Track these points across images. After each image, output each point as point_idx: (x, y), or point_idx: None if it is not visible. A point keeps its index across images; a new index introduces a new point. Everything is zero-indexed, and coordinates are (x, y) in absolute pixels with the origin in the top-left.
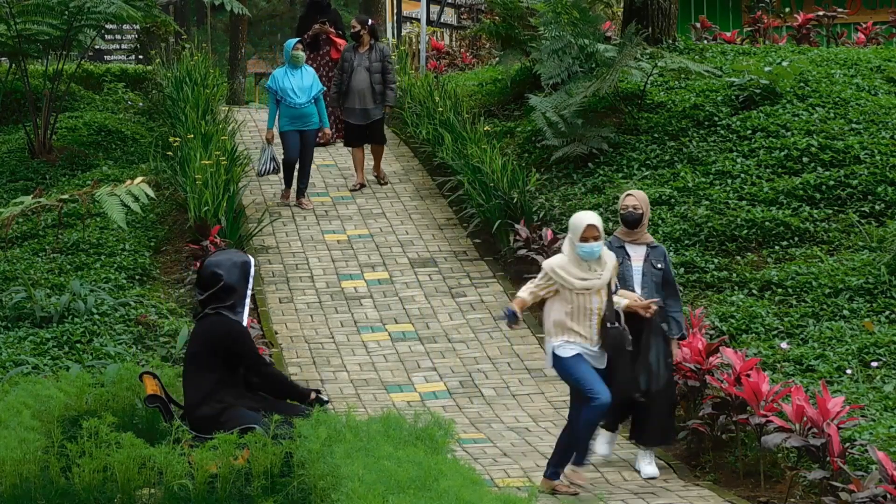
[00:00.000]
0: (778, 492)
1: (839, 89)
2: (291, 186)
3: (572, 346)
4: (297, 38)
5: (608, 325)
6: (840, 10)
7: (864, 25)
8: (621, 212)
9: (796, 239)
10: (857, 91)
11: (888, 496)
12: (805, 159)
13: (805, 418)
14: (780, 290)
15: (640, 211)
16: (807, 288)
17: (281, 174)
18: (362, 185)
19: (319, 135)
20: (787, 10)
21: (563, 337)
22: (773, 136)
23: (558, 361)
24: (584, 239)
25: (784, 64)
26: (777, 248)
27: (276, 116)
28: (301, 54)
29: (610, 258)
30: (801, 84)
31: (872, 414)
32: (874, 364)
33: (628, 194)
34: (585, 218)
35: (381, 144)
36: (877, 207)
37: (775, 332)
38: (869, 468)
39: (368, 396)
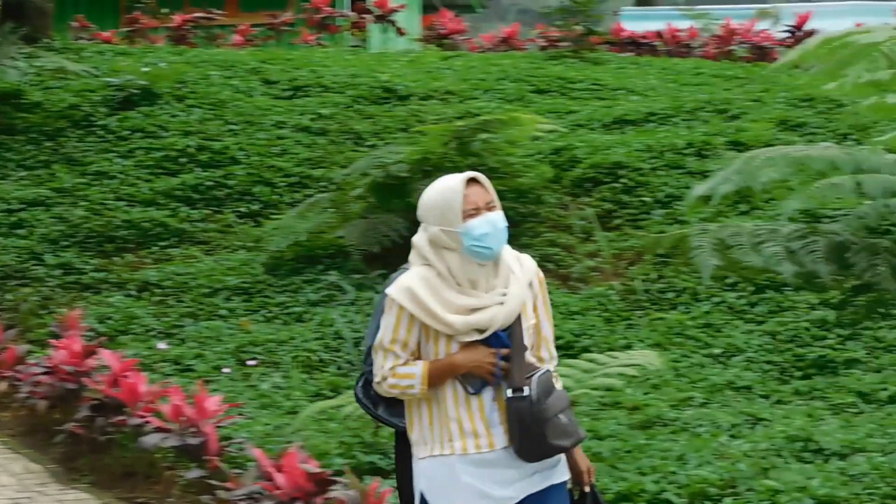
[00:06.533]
0: (156, 492)
1: (216, 90)
2: None
3: (444, 464)
4: None
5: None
6: (217, 11)
7: (241, 27)
8: None
9: (174, 239)
10: (235, 92)
11: (264, 492)
12: (183, 160)
13: (183, 418)
14: (158, 290)
15: None
16: (185, 288)
17: None
18: None
19: None
20: (165, 10)
21: (428, 446)
22: (151, 137)
23: None
24: (469, 213)
25: (162, 65)
26: (155, 248)
27: None
28: None
29: (520, 263)
30: (179, 85)
31: (249, 412)
32: (251, 363)
33: None
34: (458, 176)
35: None
36: (253, 207)
37: (154, 333)
38: (246, 466)
39: None
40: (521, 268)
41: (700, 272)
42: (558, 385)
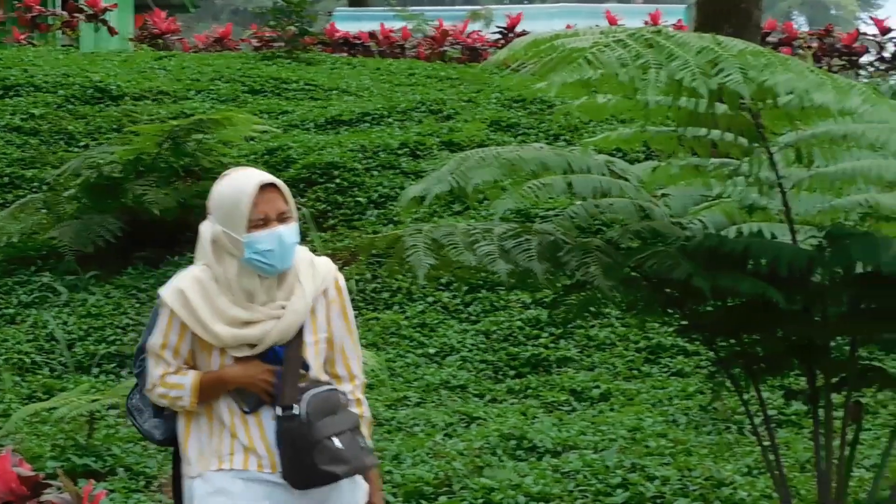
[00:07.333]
0: None
1: None
2: None
3: (222, 479)
4: None
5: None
6: None
7: None
8: None
9: None
10: None
11: None
12: None
13: None
14: None
15: None
16: None
17: None
18: None
19: None
20: None
21: (204, 461)
22: None
23: None
24: (257, 223)
25: None
26: None
27: None
28: None
29: (314, 269)
30: None
31: None
32: None
33: None
34: (255, 176)
35: None
36: None
37: None
38: None
39: None
40: (314, 275)
41: (414, 272)
42: (357, 408)
